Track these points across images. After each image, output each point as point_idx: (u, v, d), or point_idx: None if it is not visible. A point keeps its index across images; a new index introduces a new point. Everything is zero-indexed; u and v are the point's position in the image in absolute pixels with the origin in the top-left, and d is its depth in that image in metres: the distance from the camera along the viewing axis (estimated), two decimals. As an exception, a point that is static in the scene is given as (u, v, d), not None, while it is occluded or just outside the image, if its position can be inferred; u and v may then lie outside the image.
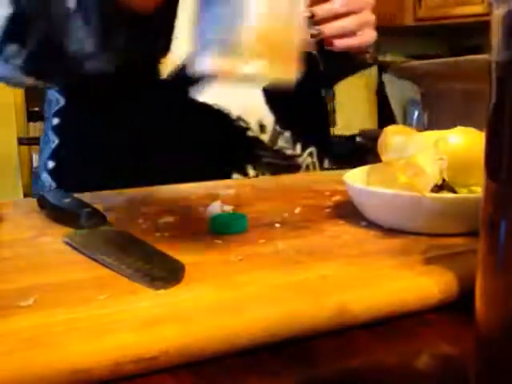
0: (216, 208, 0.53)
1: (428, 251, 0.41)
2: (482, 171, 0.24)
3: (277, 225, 0.50)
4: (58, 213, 0.53)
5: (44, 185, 0.82)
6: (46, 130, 0.85)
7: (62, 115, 0.82)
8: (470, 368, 0.25)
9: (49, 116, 0.84)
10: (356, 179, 0.51)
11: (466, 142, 0.48)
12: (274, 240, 0.45)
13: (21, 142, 3.10)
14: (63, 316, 0.32)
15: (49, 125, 0.84)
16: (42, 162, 0.84)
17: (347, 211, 0.52)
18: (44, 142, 0.85)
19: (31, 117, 3.14)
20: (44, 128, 0.87)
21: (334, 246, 0.44)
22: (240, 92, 0.75)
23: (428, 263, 0.39)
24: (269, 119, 0.79)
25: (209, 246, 0.45)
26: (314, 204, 0.57)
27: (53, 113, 0.83)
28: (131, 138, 0.77)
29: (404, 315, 0.35)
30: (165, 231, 0.49)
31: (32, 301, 0.34)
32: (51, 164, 0.82)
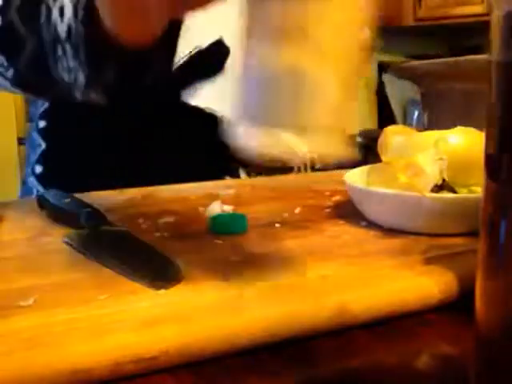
0: (216, 208, 0.53)
1: (428, 251, 0.41)
2: (482, 171, 0.24)
3: (277, 225, 0.50)
4: (58, 213, 0.53)
5: (31, 190, 0.79)
6: (31, 132, 0.81)
7: (49, 117, 0.79)
8: (470, 368, 0.25)
9: (34, 118, 0.81)
10: (356, 179, 0.51)
11: (466, 142, 0.48)
12: (274, 240, 0.45)
13: (21, 142, 3.10)
14: (63, 316, 0.32)
15: (34, 127, 0.80)
16: (30, 167, 0.81)
17: (347, 211, 0.52)
18: (31, 146, 0.81)
19: (31, 117, 3.14)
20: (29, 130, 0.83)
21: (334, 246, 0.44)
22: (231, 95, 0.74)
23: (428, 263, 0.39)
24: None
25: (209, 246, 0.45)
26: (314, 204, 0.57)
27: (39, 114, 0.80)
28: (131, 139, 0.77)
29: (404, 315, 0.34)
30: (165, 231, 0.49)
31: (32, 301, 0.34)
32: (39, 169, 0.79)
